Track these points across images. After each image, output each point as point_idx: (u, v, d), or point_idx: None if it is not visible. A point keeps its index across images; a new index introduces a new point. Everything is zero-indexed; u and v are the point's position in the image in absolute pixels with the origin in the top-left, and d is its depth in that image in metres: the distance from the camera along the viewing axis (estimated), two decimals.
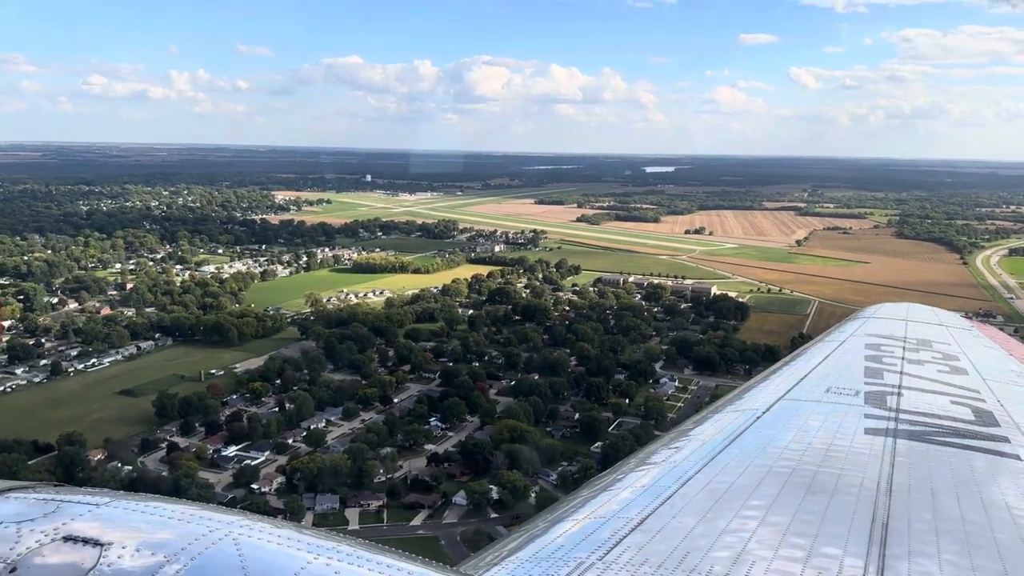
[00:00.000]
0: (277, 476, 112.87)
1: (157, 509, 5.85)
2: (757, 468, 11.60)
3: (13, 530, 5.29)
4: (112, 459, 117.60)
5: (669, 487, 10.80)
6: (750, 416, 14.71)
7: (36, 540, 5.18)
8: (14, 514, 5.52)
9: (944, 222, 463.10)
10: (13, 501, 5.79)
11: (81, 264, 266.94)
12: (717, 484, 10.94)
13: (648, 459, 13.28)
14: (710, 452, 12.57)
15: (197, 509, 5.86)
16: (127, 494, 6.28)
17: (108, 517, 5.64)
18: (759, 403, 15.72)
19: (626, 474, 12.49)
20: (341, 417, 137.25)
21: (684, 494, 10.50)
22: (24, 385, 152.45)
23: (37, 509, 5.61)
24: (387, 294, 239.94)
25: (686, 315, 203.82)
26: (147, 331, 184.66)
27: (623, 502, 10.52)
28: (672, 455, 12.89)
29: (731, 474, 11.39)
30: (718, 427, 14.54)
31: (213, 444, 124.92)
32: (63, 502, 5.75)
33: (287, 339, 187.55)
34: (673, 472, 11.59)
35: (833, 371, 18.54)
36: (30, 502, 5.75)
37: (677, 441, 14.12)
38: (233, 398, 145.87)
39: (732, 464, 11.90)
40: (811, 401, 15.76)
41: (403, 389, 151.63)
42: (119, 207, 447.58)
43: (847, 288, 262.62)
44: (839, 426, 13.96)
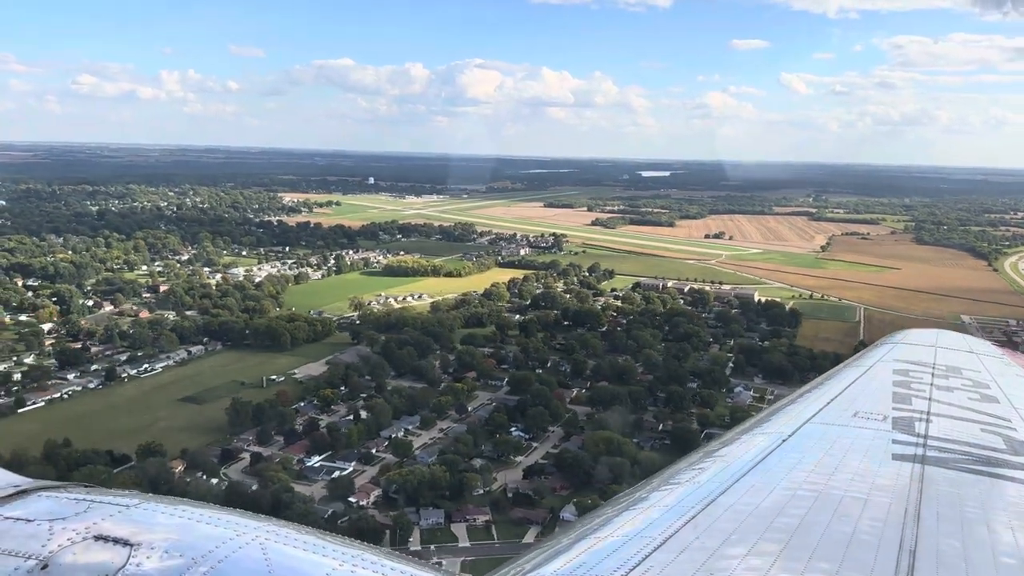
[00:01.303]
0: (372, 489, 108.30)
1: (186, 512, 5.87)
2: (783, 491, 11.38)
3: (46, 528, 5.38)
4: (191, 469, 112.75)
5: (693, 507, 10.53)
6: (776, 439, 14.45)
7: (68, 538, 5.26)
8: (46, 512, 5.61)
9: (959, 228, 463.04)
10: (45, 500, 5.85)
11: (107, 266, 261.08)
12: (742, 506, 10.68)
13: (672, 479, 13.01)
14: (735, 473, 12.32)
15: (225, 513, 5.92)
16: (156, 496, 6.21)
17: (138, 518, 5.66)
18: (785, 426, 15.47)
19: (650, 493, 12.12)
20: (418, 426, 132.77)
21: (708, 514, 10.25)
22: (79, 392, 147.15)
23: (69, 508, 5.67)
24: (426, 298, 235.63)
25: (740, 321, 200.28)
26: (194, 335, 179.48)
27: (646, 521, 10.31)
28: (697, 475, 12.69)
29: (756, 496, 11.13)
30: (744, 449, 14.32)
31: (294, 454, 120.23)
32: (94, 502, 5.79)
33: (338, 344, 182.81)
34: (697, 492, 11.35)
35: (860, 396, 18.17)
36: (62, 501, 5.81)
37: (702, 462, 13.92)
38: (301, 405, 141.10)
39: (757, 486, 11.64)
40: (838, 425, 15.50)
41: (472, 397, 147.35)
42: (129, 208, 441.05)
43: (888, 294, 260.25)
44: (866, 451, 13.77)
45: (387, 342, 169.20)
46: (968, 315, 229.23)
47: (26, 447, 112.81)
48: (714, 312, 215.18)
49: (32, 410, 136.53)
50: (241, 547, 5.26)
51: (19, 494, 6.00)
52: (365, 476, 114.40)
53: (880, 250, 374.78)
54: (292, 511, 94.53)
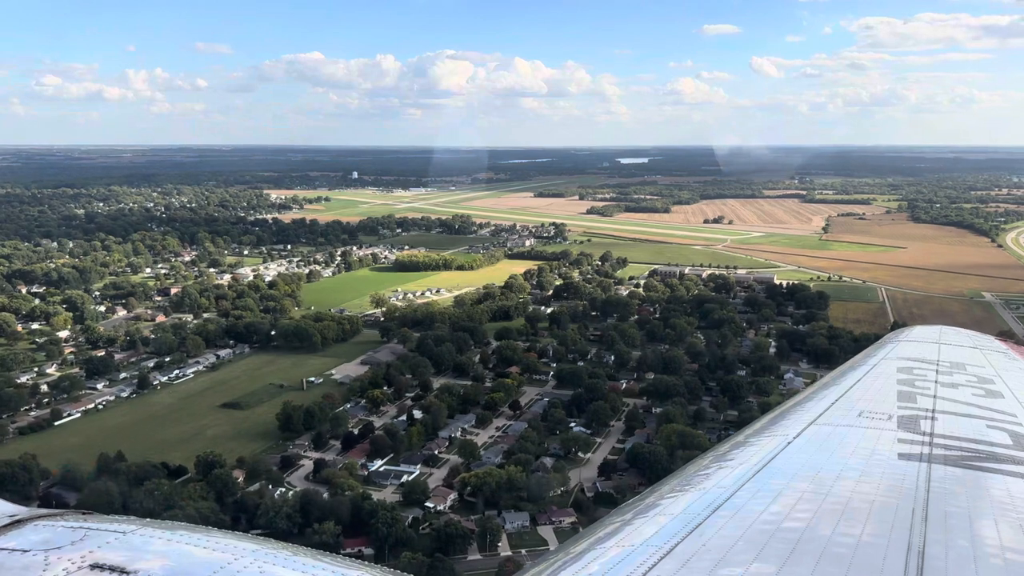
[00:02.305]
0: (447, 492, 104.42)
1: (183, 537, 5.78)
2: (789, 494, 11.25)
3: (41, 558, 5.32)
4: (251, 479, 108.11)
5: (700, 514, 10.44)
6: (782, 441, 14.35)
7: (63, 568, 5.20)
8: (42, 542, 5.55)
9: (952, 206, 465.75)
10: (42, 529, 5.81)
11: (110, 269, 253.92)
12: (748, 511, 10.54)
13: (679, 485, 12.92)
14: (742, 477, 12.21)
15: (221, 537, 5.82)
16: (153, 521, 6.15)
17: (135, 545, 5.59)
18: (791, 428, 15.35)
19: (657, 500, 12.02)
20: (474, 425, 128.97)
21: (715, 521, 10.15)
22: (114, 401, 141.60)
23: (65, 537, 5.61)
24: (444, 292, 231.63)
25: (770, 306, 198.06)
26: (219, 338, 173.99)
27: (654, 528, 10.21)
28: (703, 481, 12.59)
29: (763, 500, 11.02)
30: (750, 452, 14.12)
31: (354, 458, 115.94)
32: (91, 530, 5.72)
33: (367, 342, 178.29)
34: (704, 498, 11.26)
35: (865, 395, 18.06)
36: (58, 530, 5.75)
37: (709, 466, 13.73)
38: (348, 407, 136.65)
39: (764, 490, 11.54)
40: (843, 426, 15.40)
41: (519, 392, 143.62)
42: (117, 209, 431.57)
43: (902, 273, 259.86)
44: (872, 451, 13.65)
45: (422, 339, 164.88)
46: (988, 292, 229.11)
47: (77, 462, 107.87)
48: (741, 297, 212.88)
49: (69, 422, 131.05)
50: (239, 571, 5.16)
51: (15, 524, 5.83)
52: (434, 479, 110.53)
53: (880, 230, 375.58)
54: (378, 522, 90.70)
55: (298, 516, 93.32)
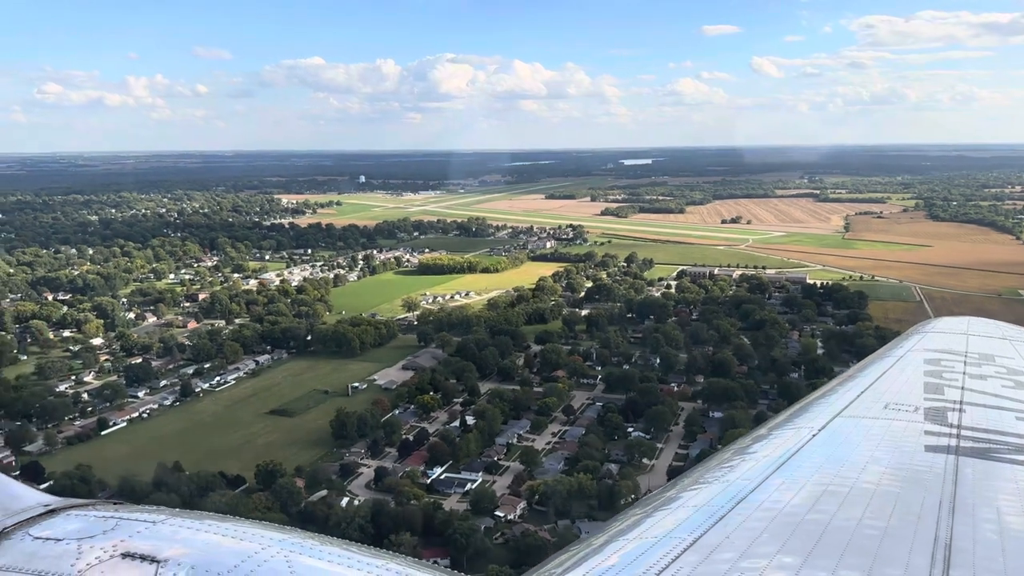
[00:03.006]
0: (516, 500, 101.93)
1: (211, 527, 5.87)
2: (813, 486, 11.11)
3: (74, 546, 5.44)
4: (312, 487, 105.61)
5: (723, 506, 10.32)
6: (806, 433, 14.04)
7: (96, 556, 5.31)
8: (75, 531, 5.67)
9: (968, 204, 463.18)
10: (75, 518, 5.92)
11: (134, 276, 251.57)
12: (772, 503, 10.45)
13: (702, 478, 12.51)
14: (765, 470, 11.96)
15: (249, 527, 5.89)
16: (182, 512, 6.24)
17: (165, 534, 5.69)
18: (815, 420, 15.02)
19: (679, 493, 11.74)
20: (529, 430, 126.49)
21: (739, 513, 10.05)
22: (158, 409, 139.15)
23: (97, 526, 5.72)
24: (473, 295, 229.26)
25: (810, 306, 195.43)
26: (255, 344, 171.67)
27: (676, 521, 10.12)
28: (726, 473, 12.22)
29: (787, 492, 10.89)
30: (774, 445, 13.82)
31: (413, 466, 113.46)
32: (122, 519, 5.84)
33: (404, 347, 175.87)
34: (727, 491, 11.06)
35: (891, 387, 17.67)
36: (91, 519, 5.87)
37: (732, 459, 13.34)
38: (396, 413, 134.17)
39: (788, 483, 11.35)
40: (869, 418, 15.11)
41: (569, 397, 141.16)
42: (131, 215, 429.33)
43: (932, 271, 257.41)
44: (898, 443, 13.36)
45: (463, 343, 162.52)
46: None
47: (134, 472, 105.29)
48: (777, 298, 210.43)
49: (115, 431, 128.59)
50: (267, 560, 5.23)
51: (48, 513, 5.95)
52: (498, 487, 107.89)
53: (900, 228, 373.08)
54: (458, 531, 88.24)
55: (370, 526, 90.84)
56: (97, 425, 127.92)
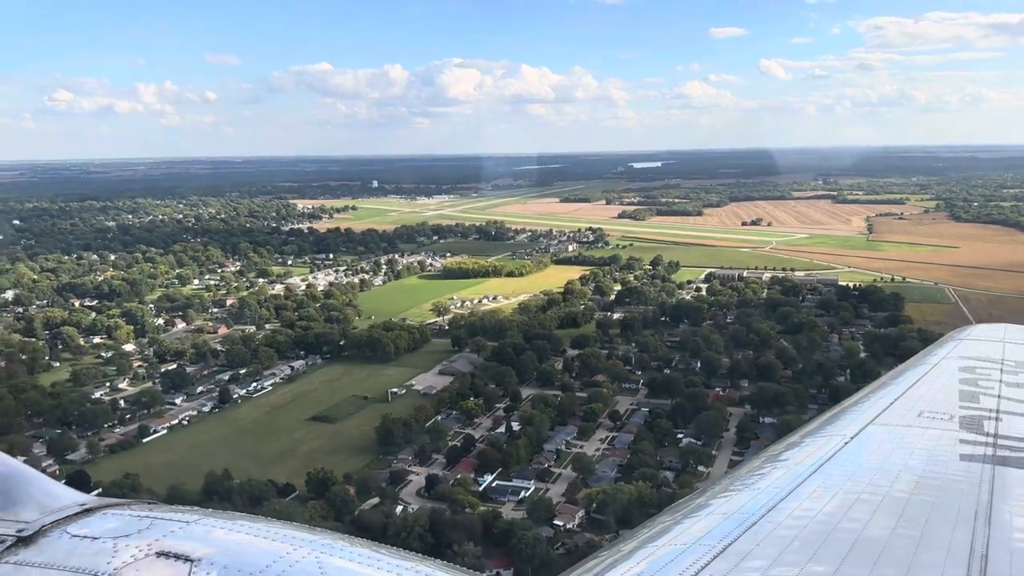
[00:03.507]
0: (573, 509, 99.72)
1: (243, 527, 5.96)
2: (846, 495, 10.98)
3: (111, 545, 5.54)
4: (362, 495, 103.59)
5: (753, 513, 10.19)
6: (838, 441, 13.65)
7: (131, 555, 5.42)
8: (111, 529, 5.78)
9: (989, 205, 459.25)
10: (111, 517, 6.02)
11: (158, 282, 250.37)
12: (803, 511, 10.34)
13: (732, 485, 12.43)
14: (797, 478, 11.78)
15: (280, 527, 5.98)
16: (215, 512, 6.33)
17: (198, 534, 5.79)
18: (848, 428, 14.57)
19: (709, 500, 11.67)
20: (576, 437, 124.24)
21: (769, 521, 9.94)
22: (197, 416, 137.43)
23: (133, 525, 5.82)
24: (501, 299, 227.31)
25: (848, 309, 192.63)
26: (289, 349, 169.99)
27: (706, 528, 10.02)
28: (757, 481, 12.08)
29: (818, 501, 10.77)
30: (806, 452, 13.46)
31: (462, 473, 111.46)
32: (156, 519, 5.93)
33: (438, 352, 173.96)
34: (758, 499, 10.93)
35: (925, 395, 17.22)
36: (126, 518, 5.96)
37: (763, 467, 13.12)
38: (439, 419, 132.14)
39: (819, 491, 11.21)
40: (902, 426, 14.65)
41: (613, 402, 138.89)
42: (149, 221, 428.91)
43: (963, 273, 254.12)
44: (932, 452, 13.08)
45: (500, 347, 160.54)
46: None
47: (181, 481, 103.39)
48: (811, 300, 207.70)
49: (156, 439, 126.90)
50: (298, 561, 5.33)
51: (85, 512, 6.08)
52: (552, 495, 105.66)
53: (923, 229, 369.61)
54: (522, 541, 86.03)
55: (429, 535, 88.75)
56: (138, 432, 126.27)
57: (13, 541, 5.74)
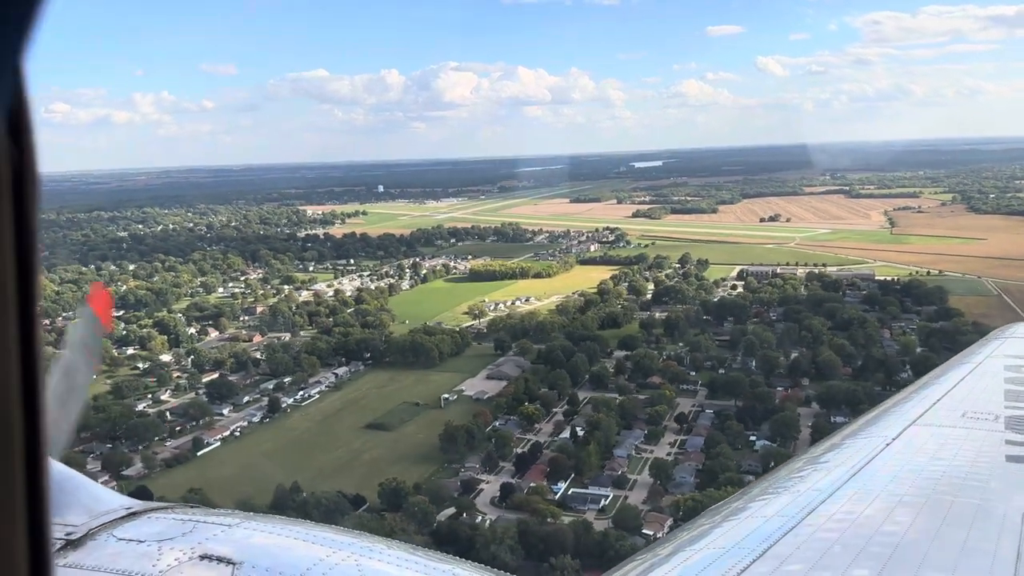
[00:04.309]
0: (661, 518, 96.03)
1: (284, 530, 6.04)
2: (888, 497, 10.80)
3: (155, 548, 5.64)
4: (433, 505, 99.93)
5: (794, 516, 10.09)
6: (880, 443, 13.37)
7: (175, 558, 5.50)
8: (156, 533, 5.87)
9: (1007, 196, 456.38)
10: (155, 521, 6.11)
11: (183, 290, 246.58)
12: (845, 514, 10.20)
13: (772, 487, 12.33)
14: (838, 480, 11.67)
15: (320, 531, 6.07)
16: (256, 515, 6.44)
17: (240, 538, 5.85)
18: (889, 429, 14.36)
19: (748, 503, 11.59)
20: (644, 441, 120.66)
21: (810, 524, 9.82)
22: (248, 427, 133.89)
23: (177, 528, 5.91)
24: (534, 301, 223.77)
25: (895, 304, 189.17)
26: (330, 356, 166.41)
27: (746, 531, 9.90)
28: (797, 483, 12.05)
29: (860, 503, 10.61)
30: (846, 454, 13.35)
31: (535, 481, 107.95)
32: (199, 522, 6.02)
33: (482, 356, 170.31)
34: (798, 500, 10.80)
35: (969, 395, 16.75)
36: (170, 522, 6.05)
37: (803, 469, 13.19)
38: (496, 424, 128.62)
39: (861, 493, 11.04)
40: (945, 427, 14.37)
41: (674, 404, 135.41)
42: (161, 230, 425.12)
43: (998, 265, 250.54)
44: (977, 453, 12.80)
45: (550, 350, 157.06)
46: None
47: (249, 495, 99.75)
48: (854, 295, 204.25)
49: (211, 451, 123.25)
50: (337, 564, 5.41)
51: (130, 516, 6.15)
52: (631, 502, 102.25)
53: (947, 222, 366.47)
54: (619, 552, 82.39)
55: (519, 548, 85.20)
56: (192, 445, 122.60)
57: (62, 544, 5.72)
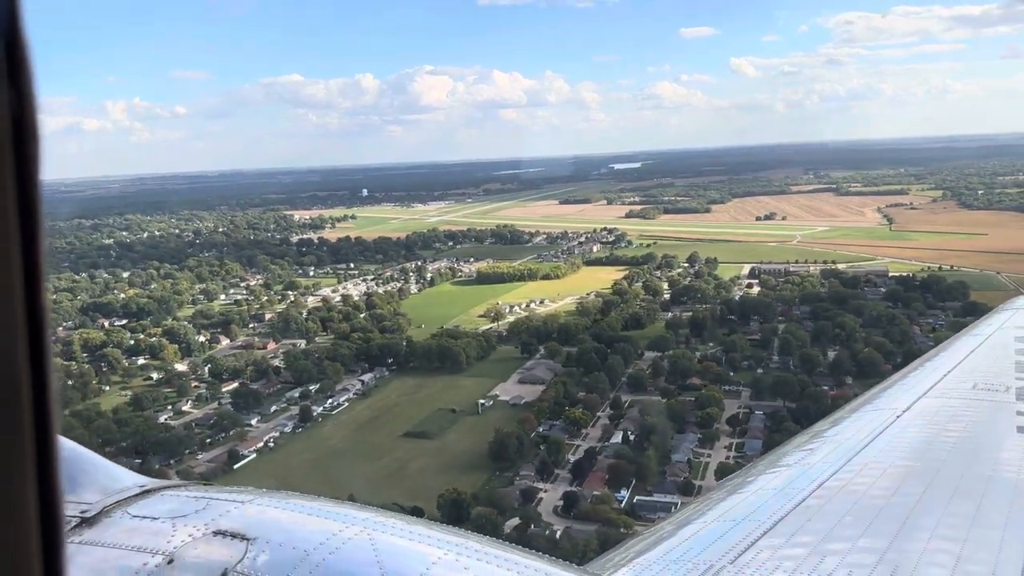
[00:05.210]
0: None
1: (297, 506, 6.11)
2: (898, 469, 10.77)
3: (169, 525, 5.67)
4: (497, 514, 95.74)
5: (803, 489, 10.05)
6: (890, 415, 13.44)
7: (189, 534, 5.54)
8: (169, 510, 5.90)
9: (995, 192, 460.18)
10: (168, 498, 6.15)
11: (184, 298, 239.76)
12: (855, 486, 10.18)
13: (780, 461, 12.42)
14: (847, 453, 11.62)
15: (334, 506, 6.11)
16: (268, 492, 6.49)
17: (253, 514, 5.89)
18: (899, 402, 14.41)
19: (756, 476, 11.56)
20: (699, 445, 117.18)
21: (819, 496, 9.80)
22: (280, 438, 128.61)
23: (190, 506, 5.94)
24: (548, 303, 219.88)
25: (918, 300, 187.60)
26: (352, 362, 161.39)
27: (754, 505, 9.91)
28: (806, 456, 12.05)
29: (870, 476, 10.57)
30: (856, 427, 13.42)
31: (592, 487, 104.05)
32: (212, 499, 6.05)
33: (509, 359, 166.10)
34: (807, 474, 10.80)
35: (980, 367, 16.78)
36: (183, 499, 6.09)
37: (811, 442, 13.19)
38: (540, 430, 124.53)
39: (871, 465, 11.01)
40: (956, 399, 14.47)
41: (722, 406, 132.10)
42: (149, 237, 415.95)
43: (1008, 260, 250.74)
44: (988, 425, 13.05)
45: (582, 352, 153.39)
46: None
47: None
48: (871, 293, 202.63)
49: (248, 464, 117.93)
50: (350, 538, 5.47)
51: (144, 493, 6.20)
52: None
53: (943, 218, 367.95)
54: None
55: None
56: (228, 458, 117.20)
57: (77, 522, 5.75)
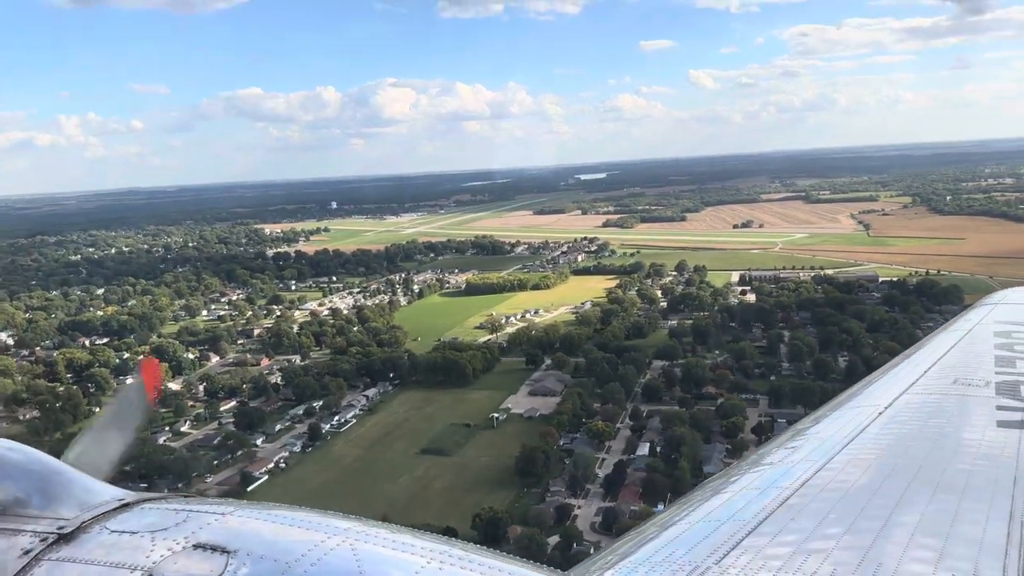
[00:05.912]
0: None
1: (278, 517, 5.99)
2: (880, 466, 10.86)
3: (148, 539, 5.58)
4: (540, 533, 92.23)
5: (786, 488, 10.10)
6: (871, 412, 13.22)
7: (169, 548, 5.45)
8: (148, 524, 5.80)
9: (962, 197, 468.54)
10: (148, 512, 6.05)
11: (165, 314, 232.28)
12: (838, 484, 10.25)
13: (762, 460, 12.29)
14: (829, 451, 11.63)
15: (316, 516, 6.01)
16: (250, 503, 6.39)
17: (234, 525, 5.81)
18: (880, 398, 14.16)
19: (739, 476, 11.60)
20: (727, 455, 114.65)
21: (803, 495, 9.84)
22: (291, 457, 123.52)
23: (170, 519, 5.84)
24: (543, 313, 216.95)
25: (916, 304, 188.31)
26: (354, 377, 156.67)
27: (737, 505, 9.89)
28: (788, 455, 11.98)
29: (852, 473, 10.64)
30: (837, 425, 13.16)
31: (626, 502, 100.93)
32: (193, 512, 5.96)
33: (514, 371, 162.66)
34: (790, 472, 10.86)
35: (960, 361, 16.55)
36: (163, 512, 6.00)
37: (793, 441, 12.89)
38: (560, 443, 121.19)
39: (853, 463, 11.05)
40: (937, 394, 14.28)
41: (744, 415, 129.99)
42: (118, 253, 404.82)
43: (991, 263, 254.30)
44: (969, 419, 12.85)
45: (591, 363, 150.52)
46: None
47: None
48: (870, 297, 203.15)
49: (261, 486, 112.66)
50: (332, 548, 5.38)
51: (123, 507, 6.09)
52: None
53: (918, 224, 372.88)
54: None
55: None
56: (240, 480, 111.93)
57: (55, 539, 5.68)
